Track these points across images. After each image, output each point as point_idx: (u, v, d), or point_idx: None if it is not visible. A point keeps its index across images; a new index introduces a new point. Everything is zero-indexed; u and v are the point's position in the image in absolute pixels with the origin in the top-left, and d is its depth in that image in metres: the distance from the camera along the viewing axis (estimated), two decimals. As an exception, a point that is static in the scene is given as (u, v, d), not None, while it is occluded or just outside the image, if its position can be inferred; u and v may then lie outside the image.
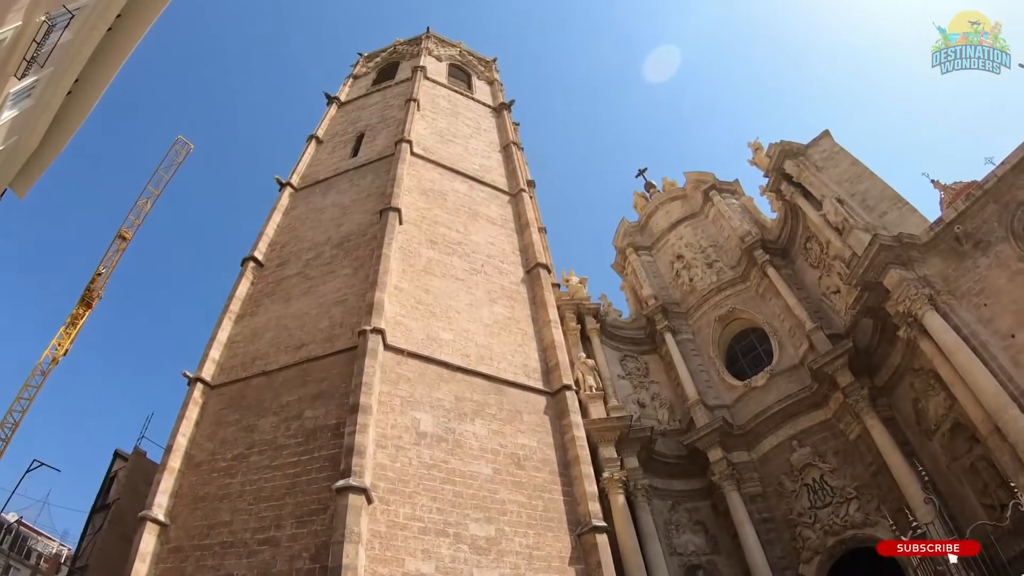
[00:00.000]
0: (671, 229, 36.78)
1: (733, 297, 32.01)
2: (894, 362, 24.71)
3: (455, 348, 23.21)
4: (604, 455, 24.62)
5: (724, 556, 25.11)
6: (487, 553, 18.17)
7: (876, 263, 23.09)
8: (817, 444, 26.02)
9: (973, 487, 21.21)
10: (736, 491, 25.56)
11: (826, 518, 24.27)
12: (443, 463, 19.50)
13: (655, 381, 31.09)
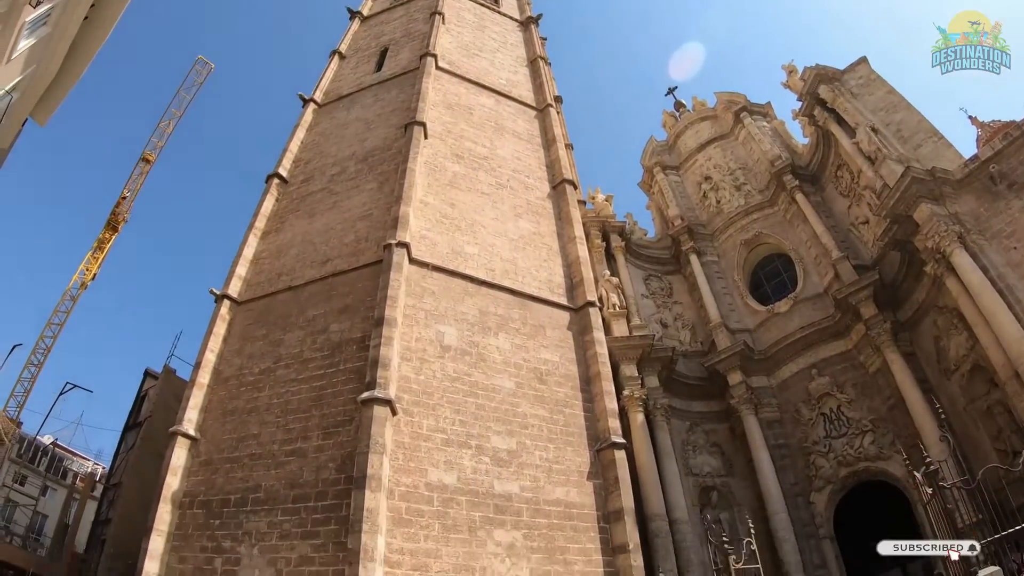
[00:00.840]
0: (700, 150, 35.87)
1: (760, 221, 31.39)
2: (918, 298, 24.24)
3: (480, 262, 23.03)
4: (625, 373, 24.65)
5: (738, 479, 25.34)
6: (508, 465, 18.40)
7: (907, 196, 22.36)
8: (836, 374, 25.82)
9: (987, 431, 21.02)
10: (753, 415, 25.57)
11: (840, 448, 24.28)
12: (466, 376, 19.57)
13: (678, 302, 30.83)
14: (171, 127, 55.77)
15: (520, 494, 18.01)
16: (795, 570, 22.01)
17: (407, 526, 15.58)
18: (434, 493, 16.59)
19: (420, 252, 21.43)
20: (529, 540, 17.19)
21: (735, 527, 22.49)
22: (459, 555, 15.82)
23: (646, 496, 21.60)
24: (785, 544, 22.49)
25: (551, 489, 18.69)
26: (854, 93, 27.80)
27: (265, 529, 16.23)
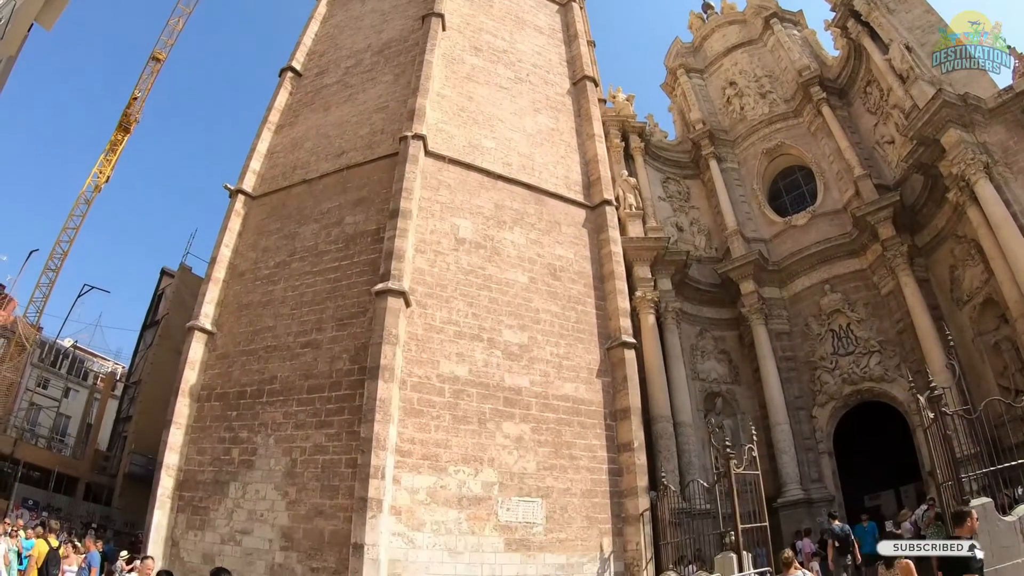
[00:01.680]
0: (726, 54, 34.59)
1: (784, 131, 30.50)
2: (938, 224, 23.78)
3: (497, 156, 22.51)
4: (638, 274, 24.55)
5: (744, 387, 25.65)
6: (519, 359, 18.48)
7: (936, 119, 21.59)
8: (849, 292, 25.69)
9: (993, 366, 20.97)
10: (763, 326, 25.55)
11: (847, 366, 24.41)
12: (480, 269, 19.43)
13: (695, 207, 30.41)
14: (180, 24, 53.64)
15: (530, 388, 18.13)
16: (792, 480, 22.51)
17: (418, 416, 15.76)
18: (445, 385, 16.68)
19: (436, 145, 20.94)
20: (537, 434, 17.42)
21: (737, 434, 22.73)
22: (468, 446, 16.04)
23: (653, 397, 21.81)
24: (784, 455, 22.93)
25: (560, 384, 18.82)
26: (890, 8, 26.45)
27: (280, 419, 16.40)
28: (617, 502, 17.59)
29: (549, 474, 16.94)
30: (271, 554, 14.71)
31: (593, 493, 17.43)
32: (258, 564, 14.69)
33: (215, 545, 15.44)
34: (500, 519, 15.57)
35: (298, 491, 15.16)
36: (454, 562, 14.58)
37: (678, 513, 18.33)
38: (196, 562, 14.74)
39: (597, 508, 17.27)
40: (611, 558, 16.69)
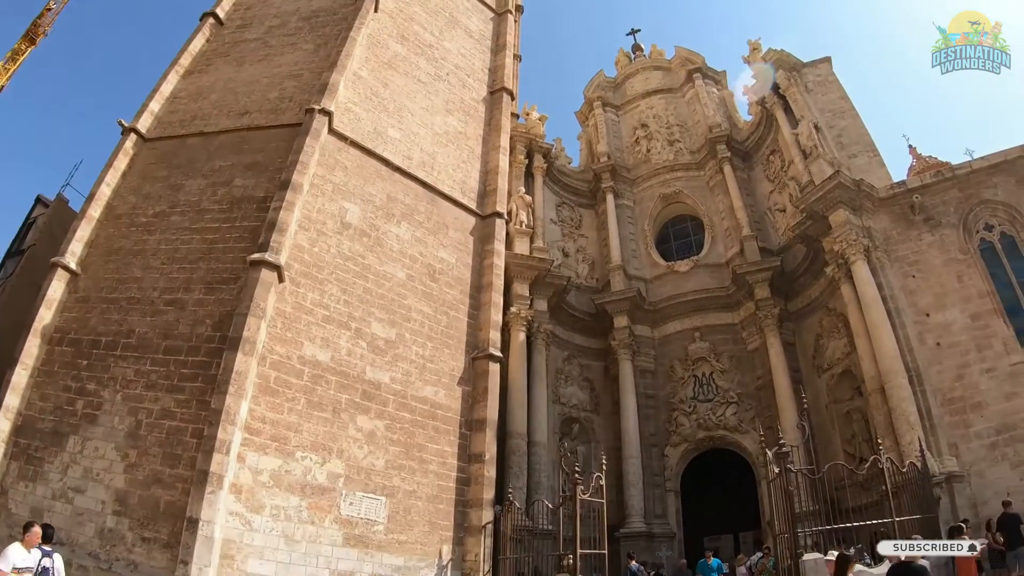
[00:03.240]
0: (644, 96, 35.72)
1: (683, 181, 31.73)
2: (812, 294, 25.43)
3: (399, 148, 22.36)
4: (516, 291, 24.69)
5: (602, 417, 26.36)
6: (383, 354, 18.39)
7: (829, 197, 22.97)
8: (717, 343, 26.95)
9: (842, 433, 22.68)
10: (630, 361, 26.39)
11: (704, 412, 25.59)
12: (360, 258, 19.23)
13: (584, 235, 31.12)
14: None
15: (390, 384, 18.12)
16: (636, 513, 23.32)
17: (273, 395, 15.38)
18: (306, 367, 16.40)
19: (342, 124, 20.65)
20: (390, 432, 17.38)
21: (589, 461, 23.33)
22: (319, 433, 15.79)
23: (511, 413, 22.01)
24: (632, 488, 23.73)
25: (421, 386, 18.91)
26: (808, 88, 28.04)
27: (132, 377, 15.61)
28: (461, 511, 17.83)
29: (397, 474, 16.95)
30: (103, 517, 13.96)
31: (439, 499, 17.57)
32: (88, 526, 13.92)
33: (46, 500, 14.48)
34: (342, 512, 15.43)
35: (139, 455, 14.47)
36: (289, 550, 14.28)
37: (520, 530, 18.58)
38: (24, 515, 13.69)
39: (441, 514, 17.41)
40: (449, 566, 16.87)
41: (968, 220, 22.54)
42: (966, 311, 21.09)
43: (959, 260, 21.95)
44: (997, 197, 22.68)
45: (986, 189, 22.90)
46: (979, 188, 23.00)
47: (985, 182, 23.00)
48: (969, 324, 20.85)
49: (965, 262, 21.91)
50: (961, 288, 21.53)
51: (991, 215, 22.63)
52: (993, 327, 20.64)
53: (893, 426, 19.35)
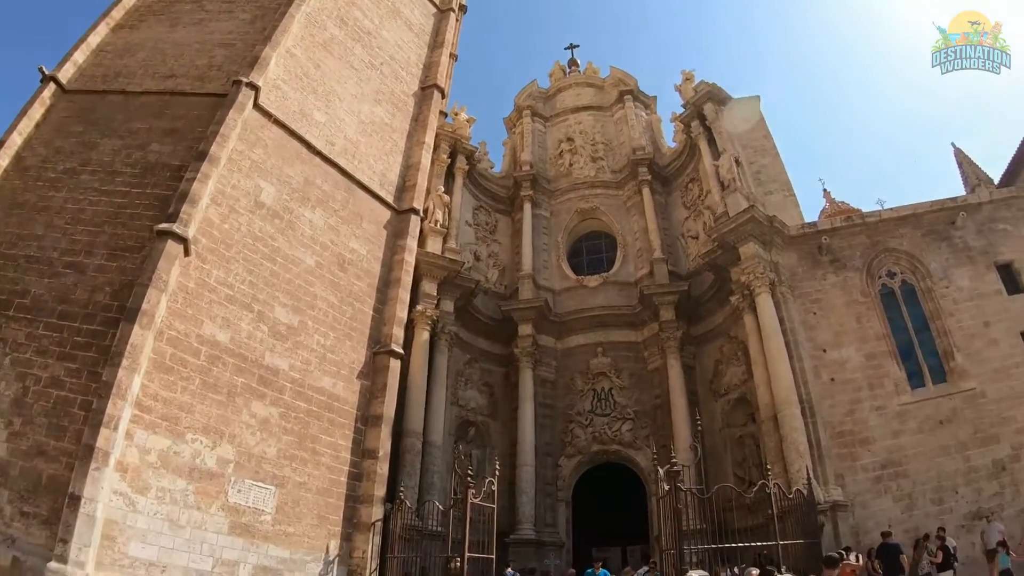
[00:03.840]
0: (574, 111, 36.27)
1: (602, 198, 32.40)
2: (715, 321, 26.38)
3: (323, 132, 22.00)
4: (424, 289, 24.53)
5: (499, 423, 26.52)
6: (284, 340, 18.02)
7: (742, 229, 23.81)
8: (619, 359, 27.60)
9: (733, 456, 23.67)
10: (531, 370, 26.73)
11: (600, 426, 26.14)
12: (270, 239, 18.76)
13: (498, 241, 31.32)
14: None
15: (288, 372, 17.78)
16: (527, 520, 23.61)
17: (168, 373, 14.82)
18: (204, 347, 15.88)
19: (268, 101, 20.15)
20: (284, 420, 17.05)
21: (483, 466, 23.42)
22: (212, 416, 15.30)
23: (408, 411, 21.89)
24: (524, 495, 24.00)
25: (319, 376, 18.65)
26: (735, 123, 29.18)
27: (23, 340, 14.72)
28: (352, 507, 17.69)
29: (289, 464, 16.65)
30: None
31: (329, 493, 17.36)
32: (-35, 495, 13.05)
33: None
34: (229, 499, 15.01)
35: (24, 423, 13.65)
36: (173, 535, 13.75)
37: (410, 530, 18.53)
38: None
39: (331, 509, 17.20)
40: (336, 562, 16.68)
41: (872, 265, 23.92)
42: (862, 350, 22.40)
43: (860, 302, 23.25)
44: (902, 247, 24.15)
45: (893, 238, 24.35)
46: (886, 237, 24.42)
47: (892, 232, 24.46)
48: (864, 363, 22.18)
49: (865, 304, 23.23)
50: (859, 328, 22.82)
51: (895, 263, 24.08)
52: (886, 368, 22.01)
53: (783, 454, 20.27)
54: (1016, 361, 21.93)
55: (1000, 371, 21.80)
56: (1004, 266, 23.87)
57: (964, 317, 22.88)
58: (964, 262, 23.84)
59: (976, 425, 20.98)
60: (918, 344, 22.84)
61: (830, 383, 22.06)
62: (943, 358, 22.40)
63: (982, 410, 21.20)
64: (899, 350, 22.62)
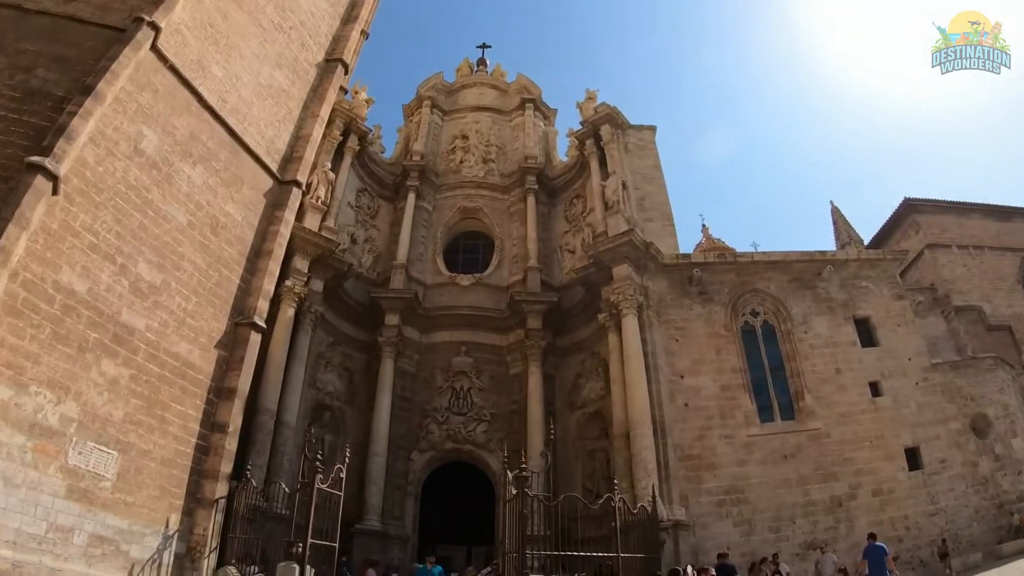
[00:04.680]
0: (474, 110, 36.43)
1: (487, 200, 32.72)
2: (580, 335, 27.29)
3: (218, 88, 20.91)
4: (296, 265, 23.89)
5: (355, 410, 26.15)
6: (145, 298, 16.99)
7: (618, 251, 24.76)
8: (481, 361, 27.99)
9: (583, 468, 24.61)
10: (393, 360, 26.65)
11: (455, 425, 26.44)
12: (145, 191, 17.64)
13: (377, 227, 30.94)
14: None
15: (144, 332, 16.80)
16: (374, 511, 23.45)
17: (17, 318, 13.62)
18: (59, 295, 14.72)
19: (166, 45, 18.92)
20: (135, 383, 16.11)
21: (335, 452, 22.83)
22: (59, 370, 14.22)
23: (264, 388, 21.22)
24: (374, 486, 23.84)
25: (176, 341, 17.78)
26: (628, 148, 30.15)
27: None
28: (196, 481, 17.00)
29: (135, 430, 15.76)
30: None
31: (174, 464, 16.60)
32: None
33: None
34: (69, 461, 13.96)
35: None
36: (7, 494, 12.57)
37: (254, 510, 17.99)
38: None
39: (174, 481, 16.44)
40: (175, 537, 15.92)
41: (738, 303, 25.47)
42: (718, 381, 23.85)
43: (721, 335, 24.69)
44: (769, 289, 25.85)
45: (761, 280, 26.03)
46: (755, 278, 26.07)
47: (762, 274, 26.13)
48: (718, 393, 23.64)
49: (726, 338, 24.69)
50: (718, 360, 24.22)
51: (760, 303, 25.72)
52: (739, 400, 23.54)
53: (632, 470, 21.20)
54: (861, 408, 24.09)
55: (846, 415, 23.86)
56: (861, 320, 26.20)
57: (818, 362, 24.83)
58: (825, 311, 25.88)
59: (818, 462, 22.88)
60: (772, 382, 24.61)
61: (684, 408, 23.32)
62: (794, 397, 24.23)
63: (825, 449, 23.14)
64: (753, 385, 24.29)
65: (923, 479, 23.59)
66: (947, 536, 22.34)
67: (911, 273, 40.42)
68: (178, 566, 15.88)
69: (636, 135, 31.37)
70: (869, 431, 23.82)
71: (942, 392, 25.26)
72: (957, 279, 40.06)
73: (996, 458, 24.63)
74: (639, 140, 31.32)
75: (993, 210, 45.41)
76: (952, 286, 39.18)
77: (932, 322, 34.20)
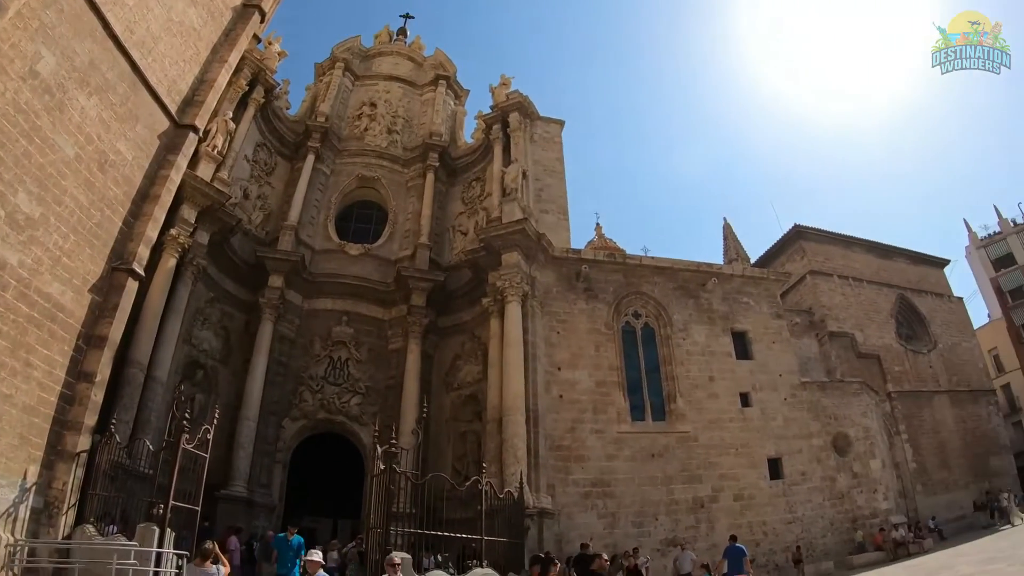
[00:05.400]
0: (387, 79, 35.89)
1: (386, 171, 32.39)
2: (463, 317, 27.54)
3: (127, 17, 19.56)
4: (183, 214, 22.78)
5: (229, 371, 25.32)
6: (20, 232, 15.82)
7: (510, 238, 25.14)
8: (361, 333, 27.78)
9: (455, 449, 25.04)
10: (272, 323, 26.03)
11: (330, 395, 26.22)
12: (35, 116, 16.35)
13: (272, 185, 30.03)
14: None
15: (16, 268, 15.64)
16: (241, 477, 22.85)
17: None
18: (-74, 218, 13.73)
19: (79, -40, 17.75)
20: (1, 322, 15.15)
21: (206, 413, 21.93)
22: (-80, 302, 13.24)
23: (137, 340, 20.23)
24: (242, 450, 23.23)
25: (50, 280, 16.66)
26: (534, 139, 30.57)
27: None
28: (58, 432, 16.02)
29: (-4, 373, 14.72)
30: None
31: (36, 412, 15.58)
32: None
33: None
34: (-77, 401, 12.95)
35: None
36: None
37: (117, 467, 17.07)
38: None
39: (35, 431, 15.44)
40: (33, 490, 14.95)
41: (622, 303, 26.36)
42: (594, 376, 24.65)
43: (602, 333, 25.50)
44: (653, 293, 26.92)
45: (647, 284, 27.05)
46: (641, 281, 27.06)
47: (648, 278, 27.14)
48: (593, 388, 24.42)
49: (607, 336, 25.52)
50: (596, 356, 25.03)
51: (643, 306, 26.71)
52: (613, 397, 24.45)
53: (502, 456, 21.67)
54: (731, 416, 25.59)
55: (715, 422, 25.26)
56: (739, 334, 27.83)
57: (693, 368, 26.12)
58: (705, 321, 27.23)
59: (684, 464, 24.16)
60: (647, 383, 25.80)
61: (559, 399, 24.00)
62: (667, 399, 25.47)
63: (692, 452, 24.46)
64: (628, 384, 25.42)
65: (783, 488, 25.45)
66: (802, 544, 24.29)
67: (792, 295, 43.04)
68: (34, 521, 14.95)
69: (544, 127, 31.83)
70: (736, 439, 25.42)
71: (808, 409, 27.28)
72: (835, 306, 42.97)
73: (854, 475, 26.86)
74: (546, 132, 31.80)
75: (876, 247, 49.49)
76: (829, 312, 42.04)
77: (806, 343, 36.91)
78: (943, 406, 43.27)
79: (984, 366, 51.44)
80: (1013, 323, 57.97)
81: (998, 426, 46.44)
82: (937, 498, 38.25)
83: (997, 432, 45.83)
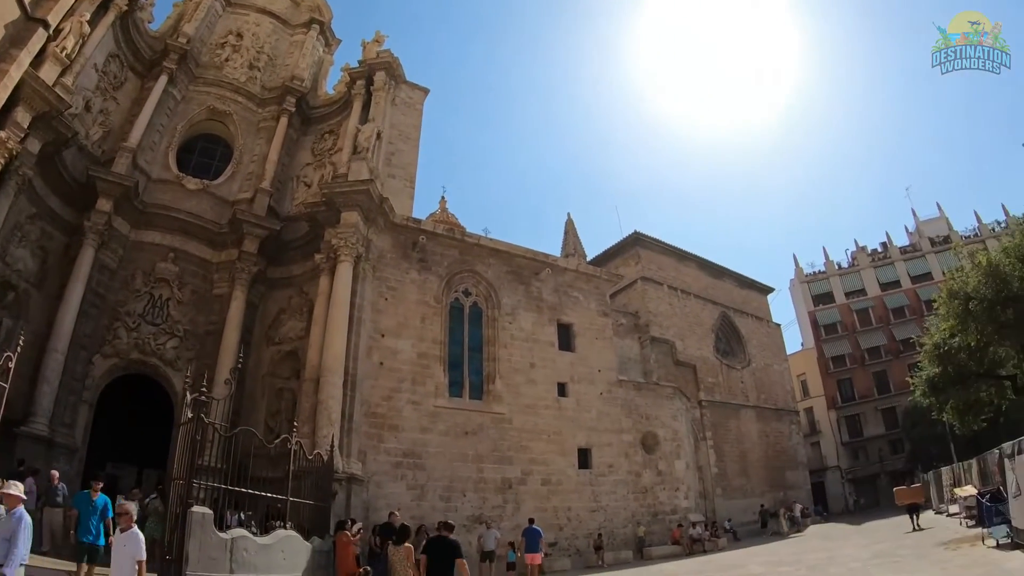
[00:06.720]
0: (259, 12, 35.12)
1: (239, 107, 31.99)
2: (293, 271, 28.17)
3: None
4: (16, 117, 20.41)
5: (42, 296, 23.85)
6: None
7: (352, 197, 25.72)
8: (187, 273, 27.62)
9: (270, 406, 25.62)
10: (94, 250, 24.85)
11: (146, 335, 25.76)
12: None
13: (117, 100, 28.68)
14: None
15: None
16: (43, 414, 21.45)
17: None
18: None
19: None
20: None
21: (12, 338, 20.82)
22: None
23: (-60, 248, 19.02)
24: (46, 385, 21.77)
25: None
26: (396, 102, 31.33)
27: None
28: None
29: None
30: None
31: None
32: None
33: None
34: None
35: None
36: None
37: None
38: None
39: None
40: None
41: (454, 279, 27.96)
42: (417, 348, 26.10)
43: (430, 305, 26.92)
44: (486, 274, 28.64)
45: (481, 264, 28.72)
46: (476, 260, 28.73)
47: (484, 259, 28.89)
48: (415, 359, 25.77)
49: (435, 309, 26.98)
50: (421, 328, 26.39)
51: (474, 285, 28.36)
52: (433, 370, 25.89)
53: (316, 417, 22.58)
54: (546, 404, 27.73)
55: (531, 407, 27.23)
56: (565, 326, 30.13)
57: (516, 353, 27.94)
58: (533, 309, 29.18)
59: (497, 444, 26.03)
60: (468, 361, 27.56)
61: (379, 366, 25.23)
62: (486, 379, 27.34)
63: (505, 434, 26.37)
64: (450, 359, 27.03)
65: (590, 478, 28.01)
66: (604, 531, 26.93)
67: (621, 297, 46.46)
68: None
69: (408, 92, 32.59)
70: (549, 426, 27.72)
71: (622, 406, 30.06)
72: (660, 313, 46.64)
73: (659, 473, 29.88)
74: (409, 98, 32.53)
75: (708, 265, 54.28)
76: (654, 318, 45.63)
77: (628, 344, 39.96)
78: (749, 419, 48.35)
79: (792, 389, 57.75)
80: (823, 354, 66.57)
81: (797, 444, 53.00)
82: (735, 502, 43.05)
83: (796, 449, 52.26)
